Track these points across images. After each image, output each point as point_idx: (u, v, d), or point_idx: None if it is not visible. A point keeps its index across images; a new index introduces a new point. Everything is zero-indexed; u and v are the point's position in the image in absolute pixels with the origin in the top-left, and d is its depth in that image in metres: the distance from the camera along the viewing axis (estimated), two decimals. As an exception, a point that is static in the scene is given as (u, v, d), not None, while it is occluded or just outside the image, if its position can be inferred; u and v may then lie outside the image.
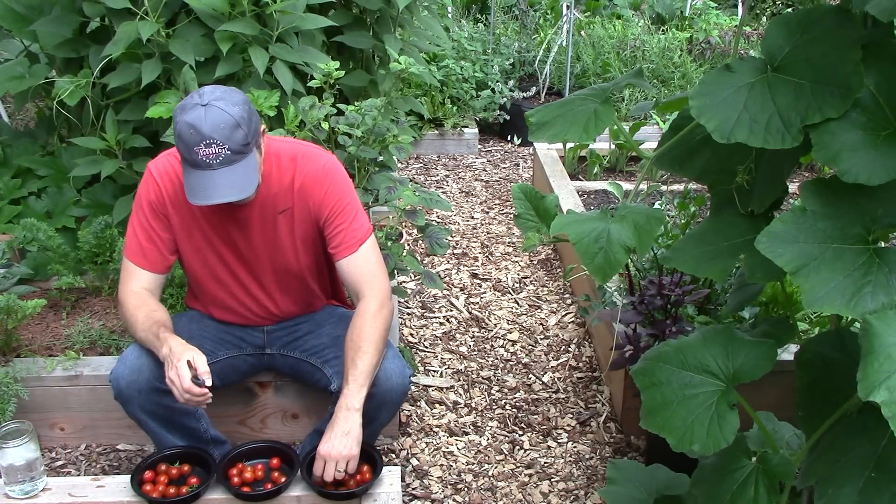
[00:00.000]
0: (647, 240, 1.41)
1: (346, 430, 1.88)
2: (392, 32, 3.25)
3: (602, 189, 3.86)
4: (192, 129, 1.77)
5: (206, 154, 1.77)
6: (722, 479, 1.40)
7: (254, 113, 1.87)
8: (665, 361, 1.46)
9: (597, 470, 2.41)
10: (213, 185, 1.81)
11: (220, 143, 1.77)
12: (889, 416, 1.06)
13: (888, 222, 1.22)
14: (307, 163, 2.01)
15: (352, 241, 2.02)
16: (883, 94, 1.23)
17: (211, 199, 1.81)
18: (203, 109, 1.77)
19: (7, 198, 3.01)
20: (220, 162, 1.79)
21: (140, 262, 2.02)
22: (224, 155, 1.78)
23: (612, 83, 1.65)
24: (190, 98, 1.81)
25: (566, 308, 3.29)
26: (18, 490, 1.94)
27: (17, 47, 3.28)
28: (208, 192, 1.81)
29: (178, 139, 1.80)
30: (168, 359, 1.86)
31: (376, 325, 1.96)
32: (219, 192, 1.81)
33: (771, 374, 1.37)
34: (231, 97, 1.82)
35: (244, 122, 1.81)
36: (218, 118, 1.77)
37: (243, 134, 1.80)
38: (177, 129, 1.79)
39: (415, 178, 4.62)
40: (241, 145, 1.80)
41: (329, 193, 2.00)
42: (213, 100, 1.79)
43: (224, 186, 1.81)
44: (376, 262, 2.05)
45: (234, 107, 1.80)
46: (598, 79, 5.37)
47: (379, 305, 1.99)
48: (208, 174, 1.80)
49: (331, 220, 2.02)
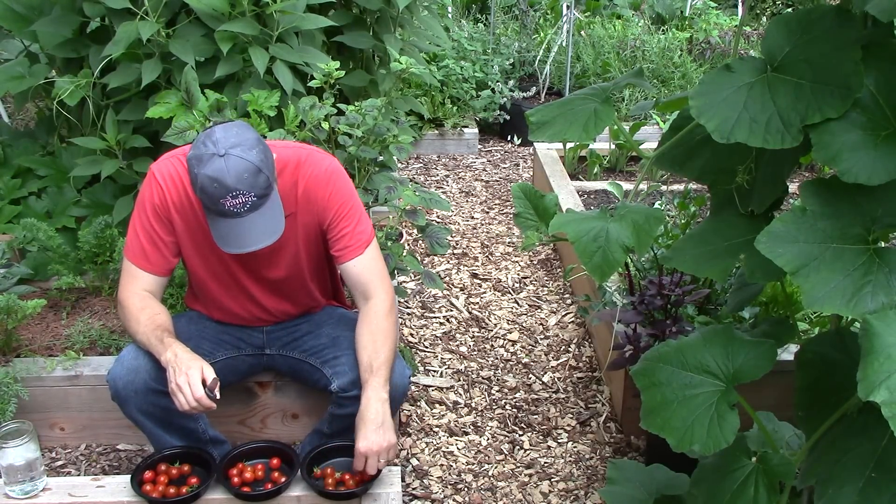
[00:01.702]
0: (645, 239, 1.41)
1: (379, 423, 1.90)
2: (392, 32, 3.25)
3: (602, 189, 3.86)
4: (215, 182, 1.74)
5: (234, 204, 1.77)
6: (722, 478, 1.40)
7: (267, 149, 1.85)
8: (665, 361, 1.46)
9: (597, 470, 2.41)
10: (244, 233, 1.82)
11: (246, 192, 1.76)
12: (889, 416, 1.06)
13: (888, 222, 1.22)
14: (310, 167, 2.01)
15: (357, 244, 2.03)
16: (883, 94, 1.23)
17: (245, 248, 1.84)
18: (222, 161, 1.75)
19: (7, 198, 3.01)
20: (247, 209, 1.79)
21: (142, 265, 2.02)
22: (251, 202, 1.79)
23: (612, 83, 1.65)
24: (203, 147, 1.77)
25: (566, 308, 3.29)
26: (18, 490, 1.94)
27: (17, 47, 3.28)
28: (241, 239, 1.83)
29: (200, 192, 1.78)
30: (173, 365, 1.86)
31: (391, 321, 2.02)
32: (251, 240, 1.83)
33: (771, 374, 1.37)
34: (245, 140, 1.79)
35: (264, 165, 1.79)
36: (240, 168, 1.75)
37: (265, 178, 1.80)
38: (198, 183, 1.77)
39: (415, 178, 4.62)
40: (265, 188, 1.81)
41: (333, 196, 2.01)
42: (230, 147, 1.76)
43: (255, 233, 1.83)
44: (381, 264, 2.09)
45: (251, 151, 1.77)
46: (598, 79, 5.36)
47: (390, 305, 2.04)
48: (237, 222, 1.80)
49: (335, 223, 2.02)
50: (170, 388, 1.86)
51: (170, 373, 1.86)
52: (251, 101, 2.57)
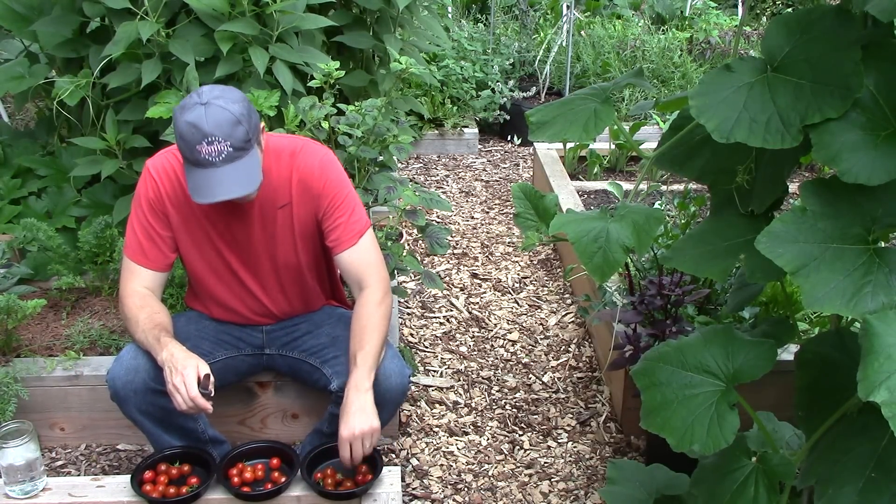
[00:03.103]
0: (646, 239, 1.41)
1: (360, 408, 1.88)
2: (392, 32, 3.25)
3: (602, 189, 3.86)
4: (193, 127, 1.77)
5: (209, 151, 1.77)
6: (722, 478, 1.40)
7: (253, 111, 1.87)
8: (665, 361, 1.46)
9: (597, 470, 2.41)
10: (216, 183, 1.80)
11: (222, 139, 1.77)
12: (889, 416, 1.05)
13: (888, 222, 1.22)
14: (305, 157, 2.02)
15: (352, 234, 2.03)
16: (883, 94, 1.23)
17: (215, 197, 1.81)
18: (203, 108, 1.78)
19: (7, 198, 3.01)
20: (222, 159, 1.79)
21: (140, 261, 2.02)
22: (226, 152, 1.79)
23: (612, 83, 1.65)
24: (189, 98, 1.81)
25: (566, 308, 3.29)
26: (18, 490, 1.94)
27: (17, 47, 3.28)
28: (212, 189, 1.81)
29: (179, 139, 1.80)
30: (169, 364, 1.86)
31: (381, 312, 2.00)
32: (223, 190, 1.81)
33: (771, 374, 1.37)
34: (230, 95, 1.83)
35: (245, 119, 1.81)
36: (219, 116, 1.78)
37: (244, 130, 1.81)
38: (178, 129, 1.79)
39: (415, 178, 4.62)
40: (243, 142, 1.81)
41: (327, 186, 2.01)
42: (213, 98, 1.80)
43: (228, 183, 1.81)
44: (377, 254, 2.08)
45: (233, 104, 1.81)
46: (598, 79, 5.36)
47: (382, 294, 2.03)
48: (211, 172, 1.80)
49: (330, 213, 2.03)
50: (168, 389, 1.86)
51: (166, 372, 1.86)
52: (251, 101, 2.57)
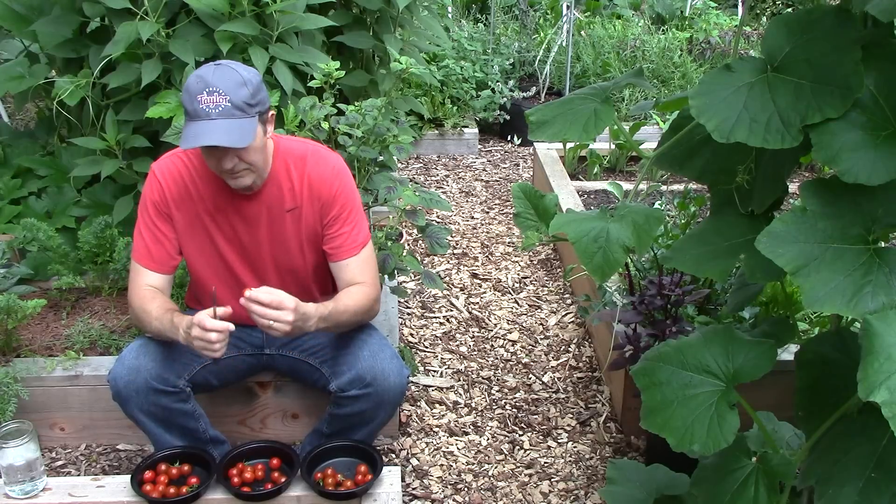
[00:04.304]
0: (646, 239, 1.41)
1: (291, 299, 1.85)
2: (392, 32, 3.25)
3: (602, 189, 3.86)
4: (199, 78, 1.81)
5: (207, 102, 1.78)
6: (722, 479, 1.40)
7: (263, 89, 1.89)
8: (665, 361, 1.46)
9: (597, 470, 2.41)
10: (206, 132, 1.78)
11: (223, 92, 1.79)
12: (889, 416, 1.06)
13: (888, 222, 1.22)
14: (317, 163, 2.02)
15: (354, 244, 2.05)
16: (883, 94, 1.23)
17: (199, 142, 1.78)
18: (214, 66, 1.84)
19: (7, 198, 3.01)
20: (218, 112, 1.79)
21: (147, 264, 2.02)
22: (224, 106, 1.79)
23: (612, 83, 1.65)
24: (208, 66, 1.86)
25: (566, 308, 3.29)
26: (18, 490, 1.94)
27: (17, 47, 3.28)
28: (200, 137, 1.79)
29: (184, 93, 1.83)
30: (185, 335, 1.85)
31: (365, 303, 2.04)
32: (209, 138, 1.78)
33: (771, 374, 1.37)
34: (245, 66, 1.88)
35: (251, 85, 1.84)
36: (226, 73, 1.82)
37: (248, 93, 1.82)
38: (186, 84, 1.83)
39: (415, 178, 4.62)
40: (244, 103, 1.81)
41: (338, 195, 2.02)
42: (227, 62, 1.87)
43: (217, 133, 1.79)
44: (375, 267, 2.12)
45: (245, 71, 1.85)
46: (598, 79, 5.36)
47: (375, 299, 2.07)
48: (205, 123, 1.79)
49: (335, 221, 2.03)
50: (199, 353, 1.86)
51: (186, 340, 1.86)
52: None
